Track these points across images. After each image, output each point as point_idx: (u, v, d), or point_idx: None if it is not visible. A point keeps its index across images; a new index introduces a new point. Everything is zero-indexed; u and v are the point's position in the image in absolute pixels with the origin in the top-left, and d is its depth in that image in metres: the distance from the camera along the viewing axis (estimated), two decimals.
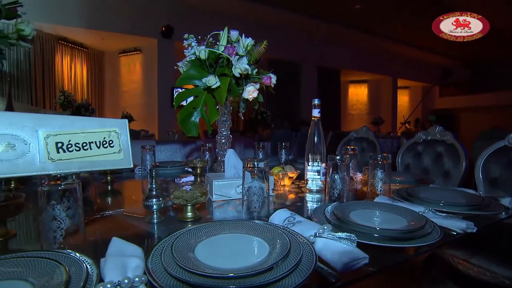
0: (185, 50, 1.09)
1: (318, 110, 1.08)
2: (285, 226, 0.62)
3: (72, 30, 6.76)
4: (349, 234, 0.53)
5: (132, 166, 0.60)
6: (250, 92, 1.00)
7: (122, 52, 8.31)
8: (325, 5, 7.10)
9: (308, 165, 1.06)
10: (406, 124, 8.76)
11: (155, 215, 0.73)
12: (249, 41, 1.07)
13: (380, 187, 0.94)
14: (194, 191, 0.74)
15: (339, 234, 0.53)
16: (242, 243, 0.55)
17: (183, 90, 1.06)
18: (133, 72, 8.19)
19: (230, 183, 0.94)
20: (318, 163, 1.05)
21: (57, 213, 0.49)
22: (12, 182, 1.13)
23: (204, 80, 0.96)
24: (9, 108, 4.59)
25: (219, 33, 1.08)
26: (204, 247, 0.52)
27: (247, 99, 1.10)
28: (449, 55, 10.18)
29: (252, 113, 6.10)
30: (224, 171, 1.15)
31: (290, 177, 1.17)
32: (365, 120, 10.69)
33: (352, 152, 1.25)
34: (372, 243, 0.56)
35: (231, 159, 0.99)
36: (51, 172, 0.48)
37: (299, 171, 1.21)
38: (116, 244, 0.49)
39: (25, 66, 6.85)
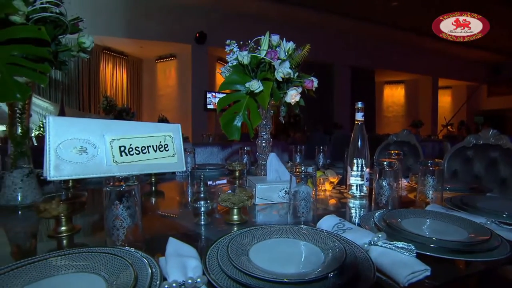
0: (227, 56, 1.11)
1: (362, 113, 1.05)
2: (335, 232, 0.61)
3: (115, 40, 7.23)
4: (407, 244, 0.51)
5: (185, 169, 0.62)
6: (293, 96, 1.00)
7: (159, 58, 8.71)
8: (359, 4, 6.90)
9: (352, 170, 1.03)
10: (448, 127, 8.21)
11: (202, 217, 0.75)
12: (290, 45, 1.07)
13: (431, 195, 0.88)
14: (240, 194, 0.75)
15: (397, 243, 0.50)
16: (295, 248, 0.54)
17: (225, 94, 1.09)
18: (168, 77, 8.54)
19: (273, 187, 0.94)
20: (362, 168, 1.01)
21: (120, 212, 0.52)
22: (70, 180, 1.23)
23: (247, 84, 0.97)
24: (62, 112, 5.02)
25: (260, 38, 1.09)
26: (257, 250, 0.52)
27: (288, 103, 1.10)
28: (499, 50, 9.35)
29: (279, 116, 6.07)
30: (264, 175, 1.16)
31: (331, 182, 1.15)
32: (402, 122, 10.19)
33: (396, 157, 1.19)
34: (433, 254, 0.53)
35: (273, 163, 0.99)
36: (115, 174, 0.51)
37: (340, 176, 1.18)
38: (173, 244, 0.51)
39: (75, 75, 7.43)
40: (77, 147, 0.47)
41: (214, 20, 7.67)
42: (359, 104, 1.05)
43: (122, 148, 0.52)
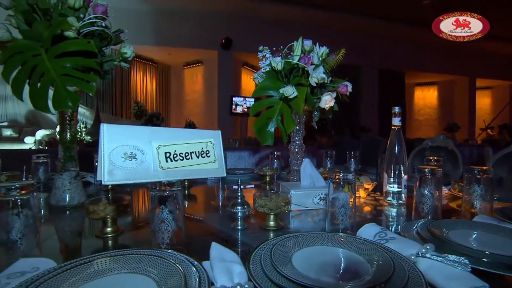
0: (260, 62, 1.13)
1: (399, 118, 1.01)
2: (377, 242, 0.59)
3: (145, 48, 7.57)
4: (459, 257, 0.48)
5: (225, 174, 0.63)
6: (327, 101, 0.99)
7: (186, 64, 8.98)
8: (388, 4, 6.70)
9: (389, 177, 0.99)
10: (488, 130, 7.68)
11: (239, 222, 0.76)
12: (324, 50, 1.06)
13: (479, 204, 0.83)
14: (277, 200, 0.75)
15: (449, 256, 0.48)
16: (338, 256, 0.53)
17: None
18: (195, 82, 8.78)
19: (308, 193, 0.93)
20: (400, 175, 0.98)
21: (165, 216, 0.54)
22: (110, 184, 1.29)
23: (281, 90, 0.97)
24: (97, 118, 5.29)
25: (293, 44, 1.09)
26: (300, 257, 0.52)
27: (321, 108, 1.09)
28: None
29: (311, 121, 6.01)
30: (297, 180, 1.15)
31: (365, 189, 1.11)
32: (435, 126, 9.70)
33: (436, 163, 1.13)
34: (488, 270, 0.50)
35: (307, 169, 0.98)
36: (161, 179, 0.53)
37: (375, 183, 1.14)
38: (217, 249, 0.52)
39: (108, 82, 7.85)
40: (127, 153, 0.50)
41: (239, 26, 7.79)
42: (396, 109, 1.01)
43: (168, 154, 0.54)
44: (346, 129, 5.79)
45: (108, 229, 0.71)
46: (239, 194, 0.75)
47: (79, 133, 6.02)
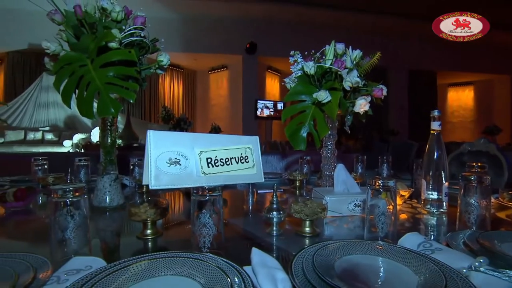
0: (291, 67, 1.13)
1: (439, 122, 0.97)
2: (422, 252, 0.56)
3: (172, 55, 7.76)
4: None
5: (263, 180, 0.64)
6: (362, 105, 0.97)
7: (211, 69, 9.17)
8: (414, 2, 6.43)
9: (428, 184, 0.95)
10: None
11: (274, 228, 0.76)
12: (357, 53, 1.04)
13: None
14: (313, 206, 0.74)
15: (509, 271, 0.45)
16: (382, 266, 0.52)
17: (290, 105, 1.09)
18: (220, 87, 8.93)
19: (342, 199, 0.91)
20: (440, 182, 0.93)
21: (207, 220, 0.55)
22: (144, 187, 1.35)
23: (314, 95, 0.97)
24: (128, 122, 5.51)
25: (325, 48, 1.08)
26: (342, 265, 0.51)
27: (354, 112, 1.07)
28: None
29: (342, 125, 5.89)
30: (329, 186, 1.14)
31: (401, 196, 1.07)
32: (470, 129, 9.15)
33: (480, 170, 1.07)
34: None
35: (341, 174, 0.97)
36: (203, 185, 0.54)
37: (412, 189, 1.09)
38: (258, 255, 0.52)
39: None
40: (172, 158, 0.52)
41: (264, 30, 7.85)
42: (436, 113, 0.97)
43: (209, 160, 0.56)
44: (374, 132, 5.61)
45: (148, 231, 0.74)
46: (274, 199, 0.75)
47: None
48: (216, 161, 0.57)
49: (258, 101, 7.49)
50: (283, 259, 0.62)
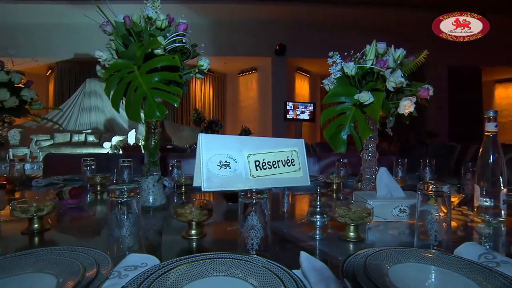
0: (329, 68, 1.11)
1: (495, 123, 0.90)
2: (484, 264, 0.53)
3: None
4: None
5: (309, 183, 0.63)
6: (407, 106, 0.93)
7: (241, 72, 9.28)
8: None
9: (482, 190, 0.88)
10: None
11: (317, 231, 0.75)
12: (400, 52, 1.00)
13: None
14: (358, 209, 0.72)
15: None
16: (441, 277, 0.49)
17: (328, 107, 1.07)
18: (250, 89, 9.01)
19: (386, 203, 0.88)
20: (497, 188, 0.86)
21: (255, 223, 0.56)
22: (183, 186, 1.39)
23: (356, 96, 0.94)
24: (162, 124, 5.73)
25: (366, 48, 1.05)
26: (396, 273, 0.49)
27: (396, 114, 1.03)
28: None
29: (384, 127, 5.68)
30: (370, 190, 1.10)
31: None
32: None
33: None
34: None
35: (384, 178, 0.93)
36: (252, 187, 0.55)
37: (463, 195, 1.02)
38: (307, 258, 0.52)
39: None
40: (222, 161, 0.53)
41: (293, 31, 7.80)
42: (491, 113, 0.90)
43: (257, 163, 0.56)
44: (410, 134, 5.34)
45: (193, 232, 0.76)
46: (318, 203, 0.74)
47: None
48: (263, 164, 0.57)
49: (288, 103, 7.45)
50: (328, 264, 0.61)
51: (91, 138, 7.12)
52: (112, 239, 0.61)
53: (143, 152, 1.12)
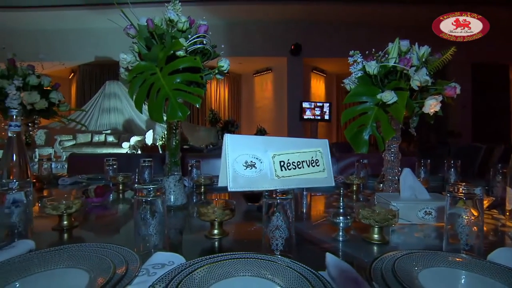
0: (350, 67, 1.09)
1: None
2: None
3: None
4: None
5: (334, 184, 0.62)
6: (432, 106, 0.90)
7: (256, 72, 9.29)
8: None
9: None
10: None
11: (340, 233, 0.74)
12: (425, 50, 0.97)
13: None
14: (382, 211, 0.71)
15: None
16: (474, 283, 0.47)
17: (349, 107, 1.06)
18: (265, 89, 9.00)
19: (411, 205, 0.85)
20: None
21: (280, 223, 0.56)
22: (202, 186, 1.41)
23: (378, 96, 0.92)
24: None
25: (388, 46, 1.03)
26: (427, 278, 0.47)
27: (420, 113, 1.00)
28: None
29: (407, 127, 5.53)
30: (392, 191, 1.07)
31: None
32: None
33: None
34: None
35: (408, 179, 0.91)
36: (278, 187, 0.55)
37: (493, 198, 0.98)
38: (333, 260, 0.51)
39: None
40: (247, 161, 0.53)
41: (308, 31, 7.73)
42: None
43: (282, 163, 0.56)
44: (431, 134, 5.18)
45: (215, 231, 0.77)
46: (341, 204, 0.73)
47: (163, 140, 6.76)
48: (288, 164, 0.57)
49: (303, 103, 7.39)
50: (353, 266, 0.60)
51: (110, 138, 7.33)
52: (139, 237, 0.63)
53: (160, 152, 1.14)
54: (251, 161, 0.53)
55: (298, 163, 0.58)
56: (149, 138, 7.15)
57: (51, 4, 7.03)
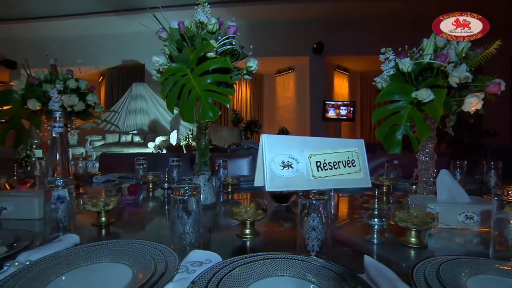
0: (381, 65, 1.06)
1: None
2: None
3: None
4: None
5: (370, 185, 0.61)
6: (473, 104, 0.85)
7: (277, 72, 9.25)
8: None
9: None
10: None
11: (375, 235, 0.72)
12: (465, 45, 0.92)
13: None
14: (419, 214, 0.68)
15: None
16: None
17: (382, 106, 1.03)
18: (287, 89, 8.94)
19: (450, 209, 0.81)
20: None
21: (316, 224, 0.55)
22: (229, 186, 1.43)
23: (413, 94, 0.89)
24: None
25: (423, 43, 0.99)
26: (475, 286, 0.45)
27: (459, 112, 0.95)
28: None
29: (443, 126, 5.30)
30: (427, 193, 1.03)
31: None
32: None
33: None
34: None
35: (446, 181, 0.87)
36: (314, 188, 0.54)
37: None
38: (372, 263, 0.50)
39: None
40: (284, 161, 0.53)
41: (331, 29, 7.60)
42: None
43: (318, 163, 0.56)
44: (464, 133, 4.91)
45: (247, 231, 0.77)
46: (376, 205, 0.71)
47: (187, 140, 6.91)
48: (324, 164, 0.56)
49: (326, 102, 7.27)
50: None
51: (137, 139, 7.60)
52: (175, 234, 0.64)
53: (184, 152, 1.17)
54: (288, 161, 0.53)
55: (334, 163, 0.57)
56: (173, 138, 7.34)
57: (84, 12, 7.43)
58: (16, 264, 0.53)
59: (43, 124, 1.30)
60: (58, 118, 0.91)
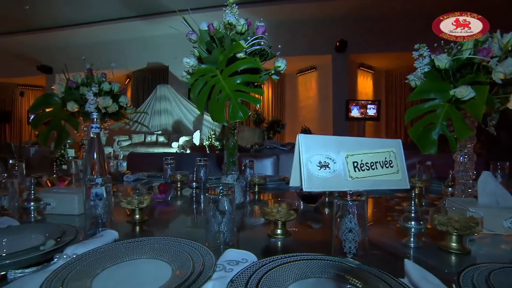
0: (415, 62, 1.02)
1: None
2: None
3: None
4: None
5: (409, 186, 0.59)
6: None
7: (299, 71, 9.16)
8: None
9: None
10: None
11: (412, 239, 0.69)
12: (510, 37, 0.87)
13: None
14: (461, 218, 0.65)
15: None
16: None
17: (415, 105, 0.99)
18: (309, 88, 8.84)
19: (495, 213, 0.77)
20: None
21: (353, 225, 0.54)
22: (256, 186, 1.43)
23: (452, 92, 0.85)
24: (223, 126, 5.99)
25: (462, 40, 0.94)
26: None
27: (502, 109, 0.89)
28: None
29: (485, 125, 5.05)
30: (466, 197, 0.98)
31: None
32: None
33: None
34: None
35: (489, 184, 0.82)
36: (352, 189, 0.53)
37: None
38: (414, 268, 0.48)
39: None
40: (321, 162, 0.53)
41: (354, 27, 7.42)
42: None
43: (355, 164, 0.55)
44: (500, 133, 4.61)
45: (279, 231, 0.77)
46: (413, 208, 0.69)
47: (210, 140, 7.01)
48: (361, 165, 0.55)
49: (350, 101, 7.11)
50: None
51: (161, 139, 7.82)
52: (210, 233, 0.65)
53: (207, 152, 1.18)
54: (325, 161, 0.52)
55: (372, 164, 0.56)
56: (196, 138, 7.48)
57: (111, 18, 7.78)
58: (65, 256, 0.56)
59: (80, 125, 1.38)
60: (95, 119, 0.95)
